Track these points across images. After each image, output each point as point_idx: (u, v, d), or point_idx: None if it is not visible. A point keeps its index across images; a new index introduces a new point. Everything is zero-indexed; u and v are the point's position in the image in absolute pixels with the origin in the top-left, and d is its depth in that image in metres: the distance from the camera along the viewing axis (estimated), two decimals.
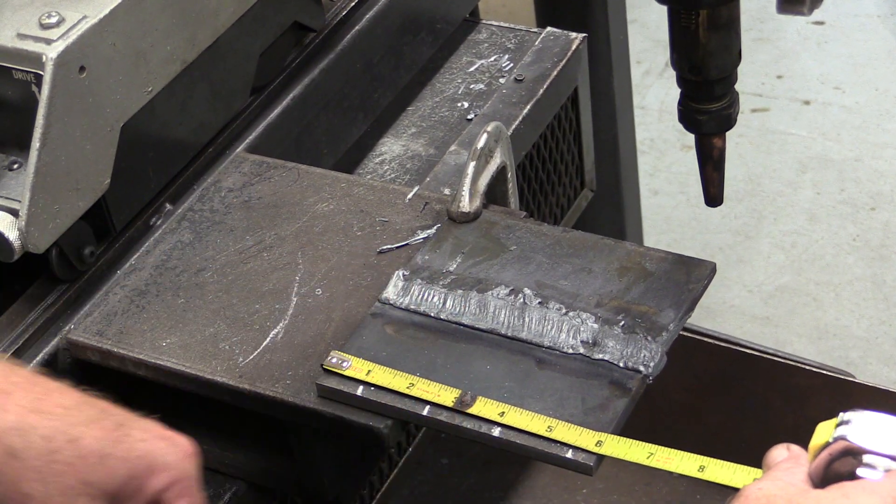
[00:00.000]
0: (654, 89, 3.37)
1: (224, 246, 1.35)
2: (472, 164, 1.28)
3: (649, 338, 1.12)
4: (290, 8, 1.52)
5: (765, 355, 1.64)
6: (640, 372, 1.11)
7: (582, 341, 1.13)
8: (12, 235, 1.23)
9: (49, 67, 1.22)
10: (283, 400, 1.17)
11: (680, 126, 3.14)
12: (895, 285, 2.79)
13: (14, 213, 1.24)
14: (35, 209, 1.24)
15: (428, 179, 1.53)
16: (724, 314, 2.78)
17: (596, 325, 1.14)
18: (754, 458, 1.68)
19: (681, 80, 1.22)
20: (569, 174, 1.78)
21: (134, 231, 1.39)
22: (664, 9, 1.23)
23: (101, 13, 1.27)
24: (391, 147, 1.58)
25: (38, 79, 1.23)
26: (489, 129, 1.30)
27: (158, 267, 1.34)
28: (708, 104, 1.22)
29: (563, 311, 1.16)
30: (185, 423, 1.30)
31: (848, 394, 1.64)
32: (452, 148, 1.54)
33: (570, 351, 1.13)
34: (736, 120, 1.31)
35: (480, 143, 1.29)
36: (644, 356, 1.12)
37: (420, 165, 1.56)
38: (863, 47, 3.43)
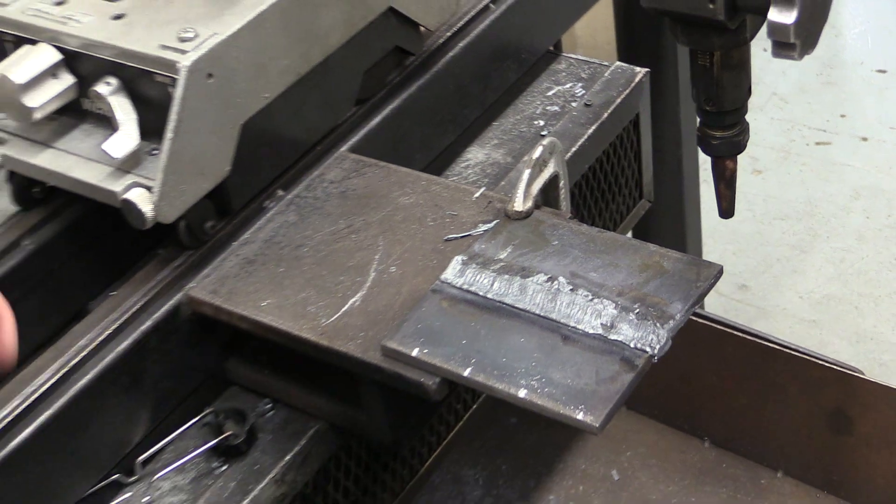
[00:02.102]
0: None
1: (321, 227, 1.35)
2: (528, 171, 1.28)
3: (658, 324, 1.12)
4: (392, 34, 1.51)
5: (784, 349, 1.63)
6: (647, 352, 1.10)
7: (601, 324, 1.13)
8: (146, 208, 1.24)
9: (182, 73, 1.24)
10: (354, 356, 1.19)
11: (751, 152, 3.08)
12: None
13: (149, 189, 1.25)
14: (165, 188, 1.26)
15: (503, 183, 1.53)
16: (776, 316, 2.77)
17: (615, 311, 1.13)
18: (771, 437, 1.67)
19: (699, 110, 1.21)
20: (628, 186, 1.77)
21: (249, 211, 1.40)
22: None
23: (229, 31, 1.29)
24: (475, 155, 1.59)
25: (174, 82, 1.25)
26: (545, 142, 1.30)
27: (266, 241, 1.35)
28: (721, 131, 1.21)
29: (589, 297, 1.15)
30: (278, 370, 1.38)
31: (855, 387, 1.60)
32: (525, 158, 1.52)
33: (591, 331, 1.13)
34: (745, 146, 1.29)
35: (536, 153, 1.29)
36: (652, 339, 1.11)
37: (498, 171, 1.56)
38: None
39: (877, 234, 2.94)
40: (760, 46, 2.48)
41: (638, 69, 1.66)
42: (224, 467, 1.29)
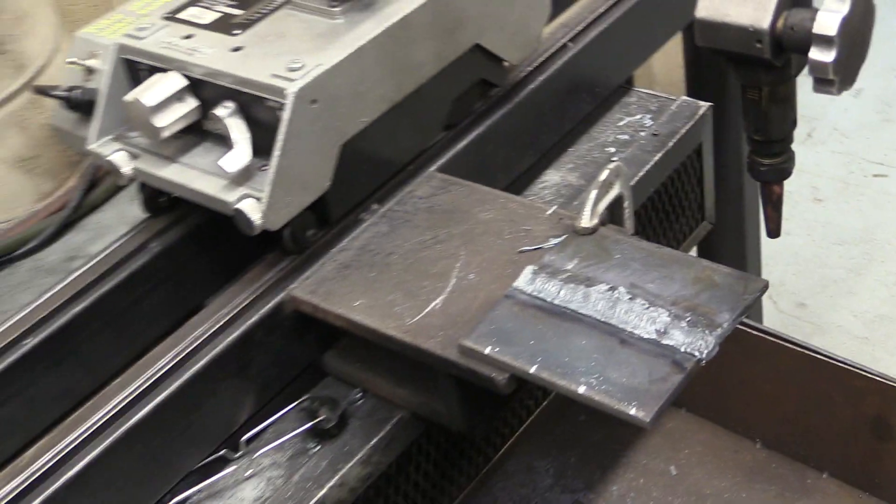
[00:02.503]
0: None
1: (409, 237, 1.35)
2: (595, 191, 1.28)
3: (707, 332, 1.12)
4: (478, 67, 1.50)
5: (830, 360, 1.61)
6: (696, 356, 1.10)
7: (656, 330, 1.13)
8: (255, 217, 1.25)
9: (289, 99, 1.25)
10: (434, 352, 1.19)
11: (812, 182, 3.02)
12: None
13: (258, 200, 1.26)
14: (272, 199, 1.26)
15: (575, 203, 1.52)
16: (832, 332, 2.72)
17: (668, 319, 1.14)
18: (817, 440, 1.65)
19: (749, 139, 1.20)
20: (691, 209, 1.76)
21: (346, 222, 1.40)
22: None
23: (331, 63, 1.29)
24: (552, 177, 1.59)
25: (282, 106, 1.26)
26: (611, 166, 1.30)
27: (361, 249, 1.35)
28: (769, 159, 1.20)
29: (646, 306, 1.16)
30: (368, 364, 1.38)
31: (894, 397, 1.57)
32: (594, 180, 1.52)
33: (646, 336, 1.13)
34: (791, 172, 1.27)
35: (602, 176, 1.29)
36: (700, 345, 1.11)
37: (571, 192, 1.56)
38: None
39: None
40: (851, 89, 2.46)
41: (702, 103, 1.65)
42: (317, 448, 1.30)
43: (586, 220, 1.26)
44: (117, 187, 1.76)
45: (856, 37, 1.04)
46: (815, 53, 1.02)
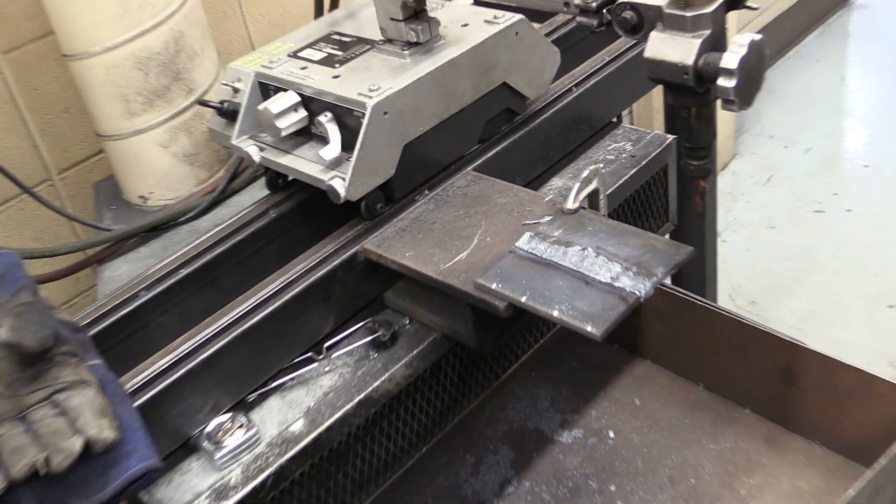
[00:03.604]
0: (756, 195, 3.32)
1: (448, 213, 1.35)
2: (577, 185, 1.28)
3: (646, 279, 1.13)
4: (505, 99, 1.49)
5: (752, 325, 1.55)
6: (637, 295, 1.11)
7: (611, 277, 1.14)
8: (341, 191, 1.28)
9: (368, 110, 1.27)
10: (457, 287, 1.20)
11: (770, 214, 2.96)
12: None
13: (344, 180, 1.28)
14: (353, 179, 1.28)
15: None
16: (775, 323, 2.45)
17: (620, 269, 1.15)
18: (741, 386, 1.62)
19: (682, 146, 1.20)
20: (658, 212, 1.72)
21: (405, 200, 1.40)
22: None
23: (399, 87, 1.30)
24: (556, 182, 1.55)
25: (363, 115, 1.28)
26: (592, 168, 1.29)
27: (413, 219, 1.36)
28: (696, 161, 1.20)
29: (606, 261, 1.16)
30: (414, 299, 1.38)
31: (799, 352, 1.51)
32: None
33: (603, 280, 1.14)
34: (711, 171, 1.25)
35: (584, 174, 1.28)
36: (640, 287, 1.12)
37: (569, 193, 1.49)
38: None
39: (851, 273, 2.83)
40: (802, 148, 2.32)
41: (669, 136, 1.63)
42: (375, 355, 1.31)
43: (570, 204, 1.27)
44: (252, 178, 1.74)
45: (751, 71, 1.04)
46: (722, 81, 1.03)
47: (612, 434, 1.64)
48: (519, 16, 1.44)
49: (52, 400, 1.00)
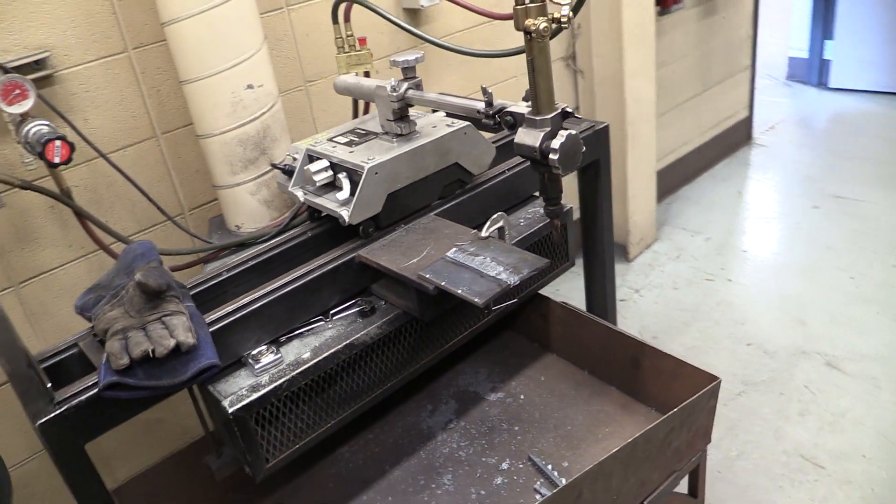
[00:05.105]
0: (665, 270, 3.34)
1: (413, 238, 1.41)
2: (488, 223, 1.40)
3: (515, 274, 1.23)
4: (457, 173, 1.52)
5: (616, 330, 1.67)
6: (508, 283, 1.21)
7: (496, 273, 1.24)
8: (347, 218, 1.36)
9: (365, 171, 1.36)
10: (409, 277, 1.28)
11: (674, 279, 2.94)
12: None
13: (349, 211, 1.35)
14: (354, 212, 1.36)
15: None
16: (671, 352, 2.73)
17: (502, 269, 1.25)
18: (609, 370, 1.74)
19: (543, 197, 1.25)
20: (560, 253, 1.72)
21: (388, 229, 1.43)
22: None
23: (386, 158, 1.38)
24: (489, 227, 1.52)
25: (362, 173, 1.35)
26: (499, 213, 1.40)
27: (392, 240, 1.41)
28: (551, 206, 1.25)
29: (496, 265, 1.27)
30: (387, 288, 1.41)
31: (642, 348, 1.62)
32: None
33: (492, 275, 1.24)
34: (560, 214, 1.27)
35: (494, 216, 1.40)
36: (512, 279, 1.22)
37: (499, 234, 1.50)
38: None
39: (725, 321, 2.84)
40: (704, 237, 2.01)
41: (569, 204, 1.55)
42: (361, 321, 1.39)
43: (483, 233, 1.39)
44: (305, 219, 1.72)
45: (569, 151, 1.11)
46: (552, 156, 1.12)
47: (522, 397, 1.75)
48: (468, 123, 1.51)
49: (161, 320, 1.17)
